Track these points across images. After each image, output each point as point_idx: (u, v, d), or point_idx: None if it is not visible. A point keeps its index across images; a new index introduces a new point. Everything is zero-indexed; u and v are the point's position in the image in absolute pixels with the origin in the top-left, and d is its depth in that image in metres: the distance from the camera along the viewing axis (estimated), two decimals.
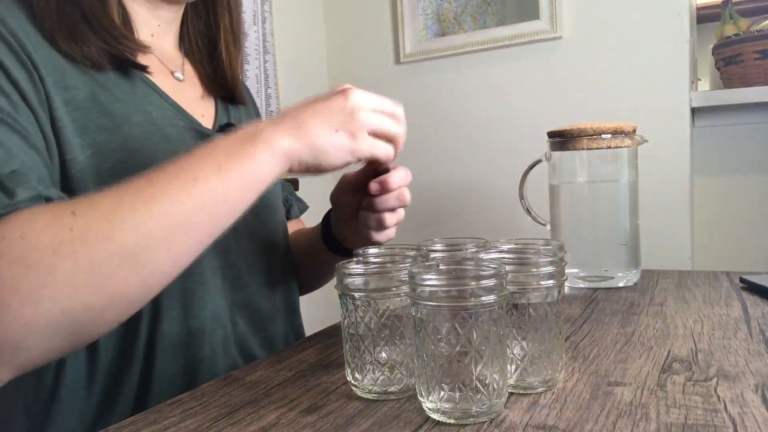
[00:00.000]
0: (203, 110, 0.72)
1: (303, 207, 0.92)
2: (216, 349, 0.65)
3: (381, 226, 0.67)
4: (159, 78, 0.66)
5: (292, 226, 0.87)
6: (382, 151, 0.58)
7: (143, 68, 0.64)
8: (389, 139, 0.59)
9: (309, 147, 0.53)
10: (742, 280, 0.83)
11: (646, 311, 0.72)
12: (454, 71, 1.61)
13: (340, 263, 0.51)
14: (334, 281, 0.51)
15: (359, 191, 0.68)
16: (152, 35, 0.69)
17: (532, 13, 1.48)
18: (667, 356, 0.55)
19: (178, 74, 0.71)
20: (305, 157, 0.54)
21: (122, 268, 0.45)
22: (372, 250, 0.57)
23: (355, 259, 0.54)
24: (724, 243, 1.39)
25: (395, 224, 0.68)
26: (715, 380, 0.49)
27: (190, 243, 0.49)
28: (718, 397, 0.45)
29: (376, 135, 0.58)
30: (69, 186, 0.55)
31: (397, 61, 1.69)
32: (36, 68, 0.54)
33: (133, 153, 0.58)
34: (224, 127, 0.71)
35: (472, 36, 1.57)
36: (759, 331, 0.62)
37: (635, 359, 0.55)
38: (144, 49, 0.64)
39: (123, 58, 0.61)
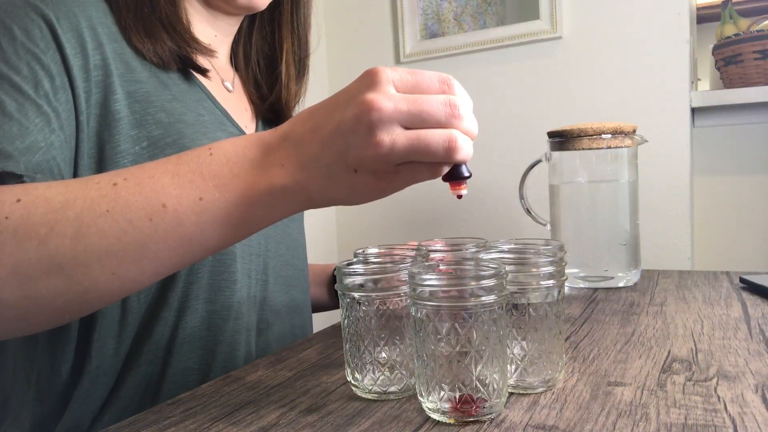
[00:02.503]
0: (247, 123, 0.73)
1: None
2: (235, 348, 0.66)
3: None
4: (213, 85, 0.69)
5: None
6: (427, 176, 0.43)
7: (204, 71, 0.66)
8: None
9: (320, 189, 0.42)
10: (742, 280, 0.83)
11: (646, 311, 0.72)
12: (454, 71, 1.61)
13: (339, 263, 0.51)
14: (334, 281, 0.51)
15: None
16: (209, 44, 0.69)
17: (532, 13, 1.48)
18: (667, 356, 0.55)
19: (228, 84, 0.73)
20: (318, 198, 0.43)
21: (52, 276, 0.40)
22: (372, 250, 0.57)
23: (355, 259, 0.54)
24: (724, 243, 1.39)
25: None
26: (715, 380, 0.49)
27: (143, 272, 0.42)
28: (718, 397, 0.45)
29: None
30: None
31: (397, 61, 1.69)
32: (105, 59, 0.57)
33: (184, 150, 0.57)
34: None
35: (472, 36, 1.57)
36: (759, 331, 0.62)
37: (635, 359, 0.55)
38: (209, 53, 0.67)
39: (189, 60, 0.64)
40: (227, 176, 0.42)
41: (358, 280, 0.49)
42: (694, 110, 1.35)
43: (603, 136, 0.86)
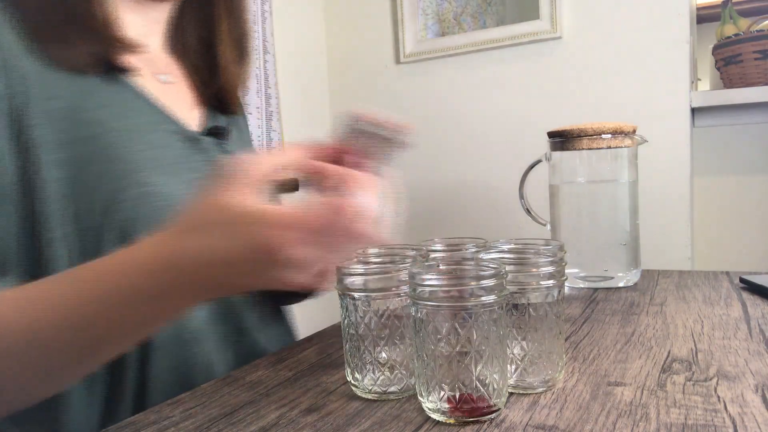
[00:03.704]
0: (190, 113, 0.68)
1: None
2: (209, 355, 0.63)
3: None
4: (145, 80, 0.64)
5: None
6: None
7: (130, 70, 0.60)
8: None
9: (224, 286, 0.44)
10: (742, 280, 0.83)
11: (646, 311, 0.72)
12: (454, 71, 1.61)
13: (339, 263, 0.50)
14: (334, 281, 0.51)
15: None
16: (137, 36, 0.65)
17: (532, 13, 1.48)
18: (667, 356, 0.55)
19: (163, 77, 0.67)
20: (222, 289, 0.46)
21: (17, 377, 0.45)
22: (372, 250, 0.57)
23: (355, 259, 0.54)
24: (724, 243, 1.39)
25: None
26: (715, 380, 0.49)
27: (83, 365, 0.48)
28: (718, 397, 0.45)
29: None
30: (43, 204, 0.53)
31: (397, 61, 1.69)
32: (11, 85, 0.52)
33: (115, 161, 0.56)
34: (212, 130, 0.68)
35: (472, 36, 1.57)
36: (759, 331, 0.62)
37: (635, 359, 0.55)
38: (134, 48, 0.61)
39: (109, 60, 0.59)
40: (151, 284, 0.43)
41: (358, 280, 0.49)
42: (694, 110, 1.35)
43: (603, 136, 0.86)
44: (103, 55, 0.58)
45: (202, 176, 0.60)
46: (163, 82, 0.67)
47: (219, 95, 0.71)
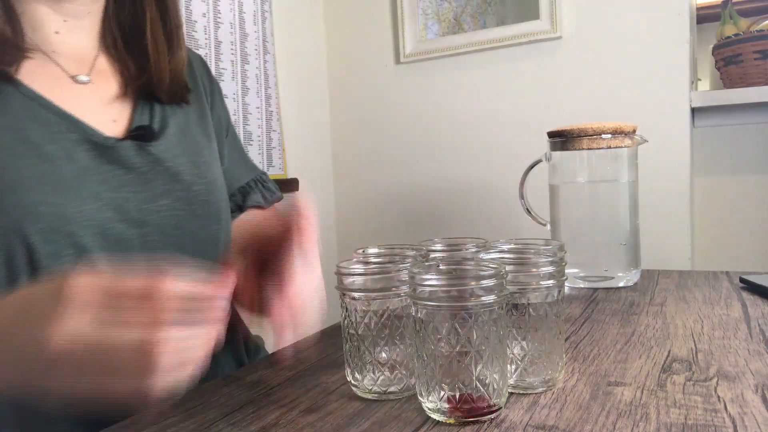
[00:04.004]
0: (115, 115, 0.62)
1: (271, 196, 0.79)
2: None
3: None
4: (49, 84, 0.58)
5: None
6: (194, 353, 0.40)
7: (11, 80, 0.54)
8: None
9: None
10: (742, 280, 0.83)
11: (646, 311, 0.72)
12: (454, 71, 1.61)
13: (339, 263, 0.50)
14: (334, 281, 0.51)
15: None
16: (57, 32, 0.60)
17: (532, 13, 1.48)
18: (667, 356, 0.55)
19: (82, 77, 0.61)
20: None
21: None
22: (372, 250, 0.57)
23: (355, 259, 0.54)
24: (724, 243, 1.39)
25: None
26: (715, 380, 0.49)
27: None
28: (718, 397, 0.45)
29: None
30: None
31: (397, 61, 1.69)
32: None
33: (3, 183, 0.50)
34: (137, 131, 0.62)
35: (472, 36, 1.57)
36: (759, 331, 0.62)
37: (635, 359, 0.55)
38: (25, 53, 0.55)
39: None
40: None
41: (358, 280, 0.49)
42: (694, 110, 1.35)
43: (603, 136, 0.86)
44: None
45: (117, 185, 0.56)
46: (80, 82, 0.61)
47: (148, 90, 0.66)
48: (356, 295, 0.49)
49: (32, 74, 0.56)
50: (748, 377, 0.49)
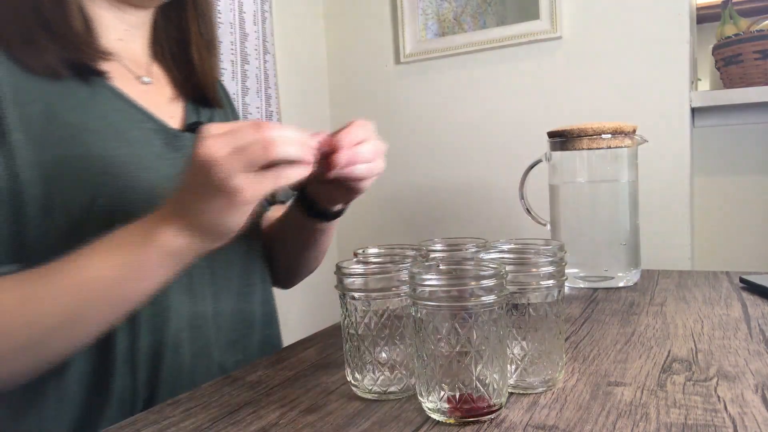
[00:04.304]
0: (172, 112, 0.71)
1: (287, 196, 0.86)
2: (186, 361, 0.63)
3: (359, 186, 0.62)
4: (123, 82, 0.65)
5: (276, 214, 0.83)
6: (286, 177, 0.49)
7: (102, 74, 0.62)
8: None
9: (202, 236, 0.51)
10: (742, 280, 0.83)
11: (646, 311, 0.72)
12: (454, 71, 1.61)
13: (339, 263, 0.50)
14: (334, 281, 0.51)
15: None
16: (120, 39, 0.68)
17: (532, 13, 1.48)
18: (667, 356, 0.55)
19: (145, 78, 0.70)
20: (203, 247, 0.52)
21: (19, 357, 0.51)
22: (372, 250, 0.57)
23: (355, 259, 0.54)
24: (724, 243, 1.39)
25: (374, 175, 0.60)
26: (715, 380, 0.49)
27: (79, 337, 0.53)
28: (718, 397, 0.45)
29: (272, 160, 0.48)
30: (23, 209, 0.55)
31: (397, 61, 1.69)
32: None
33: (94, 160, 0.58)
34: (192, 125, 0.70)
35: (472, 36, 1.57)
36: (759, 331, 0.62)
37: (635, 359, 0.55)
38: (105, 55, 0.63)
39: (82, 65, 0.60)
40: (129, 258, 0.51)
41: (358, 280, 0.49)
42: (694, 110, 1.35)
43: (603, 136, 0.86)
44: (77, 61, 0.60)
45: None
46: (145, 83, 0.70)
47: (196, 91, 0.75)
48: (356, 295, 0.49)
49: (109, 72, 0.64)
50: (748, 377, 0.49)
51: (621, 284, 0.87)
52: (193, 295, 0.64)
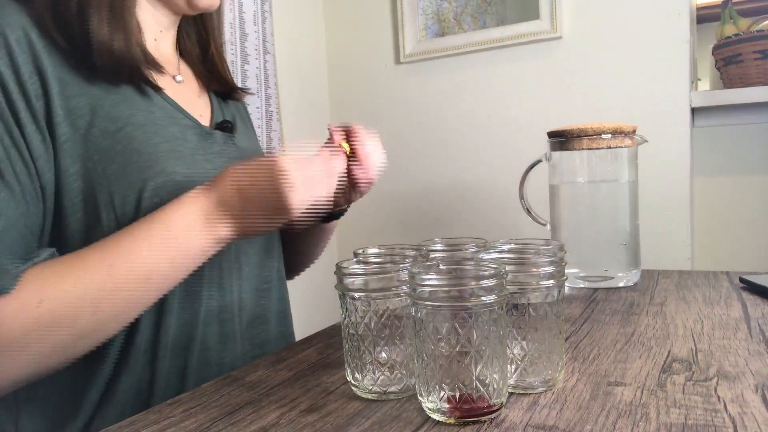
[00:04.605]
0: (201, 110, 0.74)
1: None
2: (208, 350, 0.65)
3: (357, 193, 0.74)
4: (162, 79, 0.69)
5: None
6: (323, 192, 0.61)
7: (151, 83, 0.66)
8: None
9: (244, 234, 0.60)
10: (742, 280, 0.83)
11: (646, 311, 0.72)
12: (454, 71, 1.61)
13: (339, 263, 0.51)
14: (334, 281, 0.51)
15: None
16: (155, 39, 0.72)
17: (532, 13, 1.48)
18: (667, 356, 0.55)
19: (178, 77, 0.74)
20: (238, 240, 0.61)
21: (80, 344, 0.54)
22: (372, 250, 0.57)
23: (355, 259, 0.54)
24: (724, 243, 1.39)
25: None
26: (715, 380, 0.49)
27: (134, 314, 0.57)
28: (718, 397, 0.45)
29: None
30: (64, 201, 0.58)
31: (397, 61, 1.69)
32: (44, 80, 0.56)
33: (135, 154, 0.60)
34: (221, 125, 0.75)
35: (472, 36, 1.57)
36: (759, 331, 0.62)
37: (635, 359, 0.55)
38: (159, 68, 0.68)
39: (141, 76, 0.65)
40: (184, 242, 0.56)
41: (358, 280, 0.49)
42: (694, 110, 1.35)
43: (603, 136, 0.86)
44: (134, 72, 0.64)
45: (216, 166, 0.67)
46: (179, 82, 0.74)
47: (218, 87, 0.80)
48: (356, 295, 0.49)
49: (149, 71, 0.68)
50: (748, 377, 0.49)
51: (621, 284, 0.87)
52: (222, 289, 0.67)
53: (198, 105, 0.75)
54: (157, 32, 0.72)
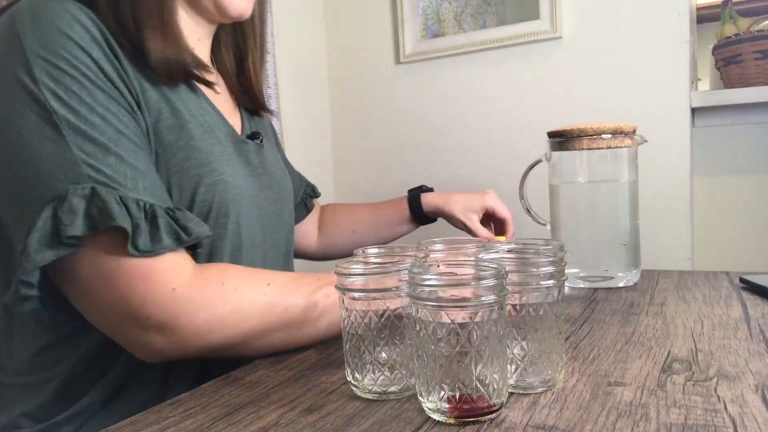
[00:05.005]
0: (233, 121, 0.77)
1: (316, 194, 1.07)
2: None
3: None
4: (206, 88, 0.73)
5: (314, 212, 1.06)
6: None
7: (210, 84, 0.71)
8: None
9: None
10: (742, 280, 0.83)
11: (646, 311, 0.72)
12: (454, 71, 1.61)
13: (339, 263, 0.51)
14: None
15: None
16: (194, 48, 0.73)
17: (532, 13, 1.48)
18: (667, 356, 0.55)
19: (217, 87, 0.76)
20: None
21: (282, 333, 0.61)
22: (372, 250, 0.57)
23: (355, 259, 0.54)
24: (724, 243, 1.39)
25: None
26: (715, 380, 0.49)
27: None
28: (718, 397, 0.45)
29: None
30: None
31: (397, 61, 1.69)
32: (127, 73, 0.60)
33: (195, 151, 0.64)
34: (251, 136, 0.78)
35: (472, 36, 1.57)
36: (759, 331, 0.62)
37: (635, 359, 0.55)
38: (209, 69, 0.71)
39: (196, 77, 0.69)
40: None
41: (358, 280, 0.49)
42: (694, 110, 1.35)
43: (603, 136, 0.86)
44: (190, 73, 0.68)
45: (248, 173, 0.72)
46: (217, 92, 0.76)
47: (250, 95, 0.83)
48: (356, 295, 0.49)
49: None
50: (748, 377, 0.49)
51: (621, 284, 0.87)
52: None
53: (232, 116, 0.78)
54: (195, 41, 0.73)
